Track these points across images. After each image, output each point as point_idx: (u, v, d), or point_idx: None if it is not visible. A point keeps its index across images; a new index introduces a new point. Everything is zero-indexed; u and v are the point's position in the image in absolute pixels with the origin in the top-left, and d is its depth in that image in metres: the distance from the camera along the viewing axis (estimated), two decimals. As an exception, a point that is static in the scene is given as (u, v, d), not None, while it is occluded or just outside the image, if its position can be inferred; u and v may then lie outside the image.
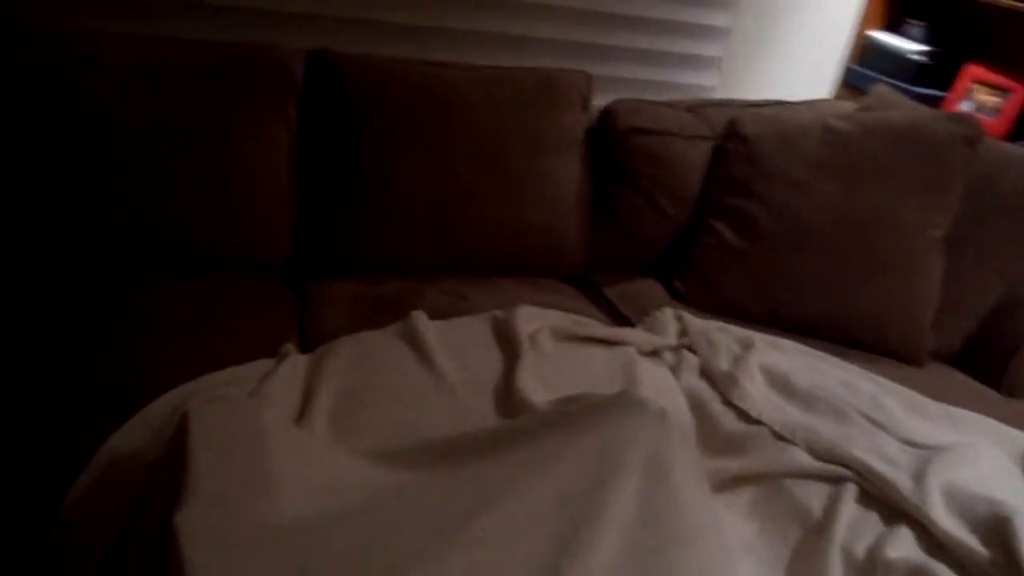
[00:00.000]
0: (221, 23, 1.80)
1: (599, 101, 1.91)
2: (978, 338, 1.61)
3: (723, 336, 1.49)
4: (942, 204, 1.56)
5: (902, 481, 1.09)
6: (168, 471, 0.97)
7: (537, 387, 1.23)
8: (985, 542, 1.01)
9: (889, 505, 1.08)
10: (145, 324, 1.36)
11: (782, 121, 1.73)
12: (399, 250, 1.66)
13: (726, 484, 1.18)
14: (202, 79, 1.54)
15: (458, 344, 1.35)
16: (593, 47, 2.16)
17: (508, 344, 1.34)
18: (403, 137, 1.65)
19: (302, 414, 1.16)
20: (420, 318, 1.40)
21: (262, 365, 1.26)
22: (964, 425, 1.29)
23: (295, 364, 1.28)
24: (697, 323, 1.52)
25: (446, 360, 1.30)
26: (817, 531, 1.06)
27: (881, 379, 1.42)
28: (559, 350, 1.40)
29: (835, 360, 1.47)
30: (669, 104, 1.88)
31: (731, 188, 1.71)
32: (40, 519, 1.08)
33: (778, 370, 1.38)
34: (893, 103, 1.83)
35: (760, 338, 1.50)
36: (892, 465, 1.13)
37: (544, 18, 2.08)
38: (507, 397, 1.24)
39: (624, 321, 1.63)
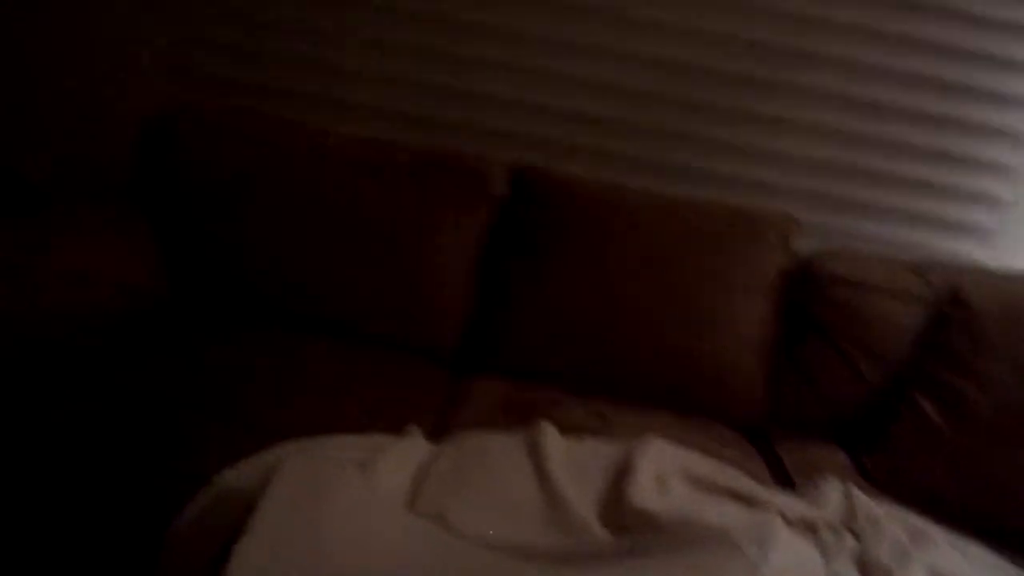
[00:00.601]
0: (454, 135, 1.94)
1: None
2: None
3: (894, 524, 1.25)
4: None
5: None
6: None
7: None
8: None
9: None
10: (303, 382, 1.46)
11: (1015, 289, 1.47)
12: (557, 362, 1.64)
13: None
14: (407, 178, 1.69)
15: (577, 464, 1.28)
16: (841, 200, 1.97)
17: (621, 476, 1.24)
18: (583, 254, 1.66)
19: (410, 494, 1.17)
20: (547, 429, 1.35)
21: (382, 439, 1.29)
22: None
23: (414, 446, 1.29)
24: (866, 502, 1.29)
25: (559, 479, 1.22)
26: None
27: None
28: (691, 498, 1.26)
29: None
30: (886, 259, 1.70)
31: (944, 361, 1.47)
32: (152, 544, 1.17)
33: (947, 574, 1.11)
34: None
35: (941, 535, 1.23)
36: None
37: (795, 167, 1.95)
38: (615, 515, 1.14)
39: (787, 484, 1.44)
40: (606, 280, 1.64)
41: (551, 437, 1.34)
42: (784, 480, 1.46)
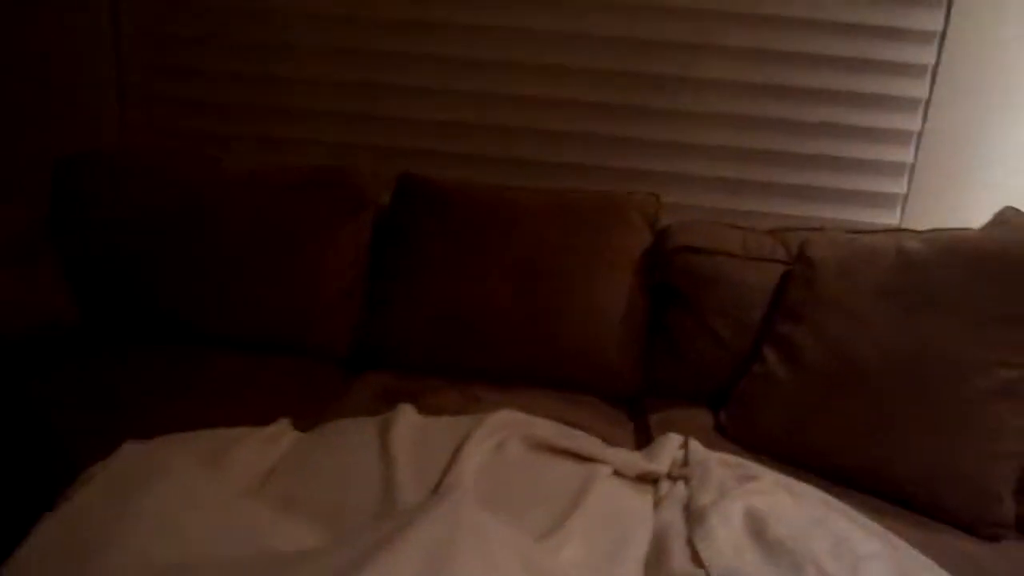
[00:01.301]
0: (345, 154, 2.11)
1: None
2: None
3: (724, 471, 1.32)
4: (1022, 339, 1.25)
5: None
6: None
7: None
8: None
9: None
10: (196, 386, 1.57)
11: (857, 244, 1.53)
12: (438, 353, 1.74)
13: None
14: (291, 192, 1.82)
15: (424, 439, 1.37)
16: (754, 184, 2.09)
17: (458, 442, 1.33)
18: (456, 250, 1.77)
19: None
20: (404, 410, 1.45)
21: (247, 431, 1.39)
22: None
23: (279, 434, 1.39)
24: (701, 454, 1.37)
25: (403, 458, 1.31)
26: None
27: (897, 542, 1.14)
28: (523, 458, 1.35)
29: (853, 515, 1.21)
30: (742, 227, 1.77)
31: (786, 314, 1.54)
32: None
33: (761, 514, 1.18)
34: (1018, 226, 1.52)
35: (771, 478, 1.30)
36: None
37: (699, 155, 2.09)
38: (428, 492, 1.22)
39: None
40: (478, 273, 1.75)
41: (405, 416, 1.44)
42: (647, 443, 1.54)
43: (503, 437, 1.38)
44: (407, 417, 1.44)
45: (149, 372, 1.59)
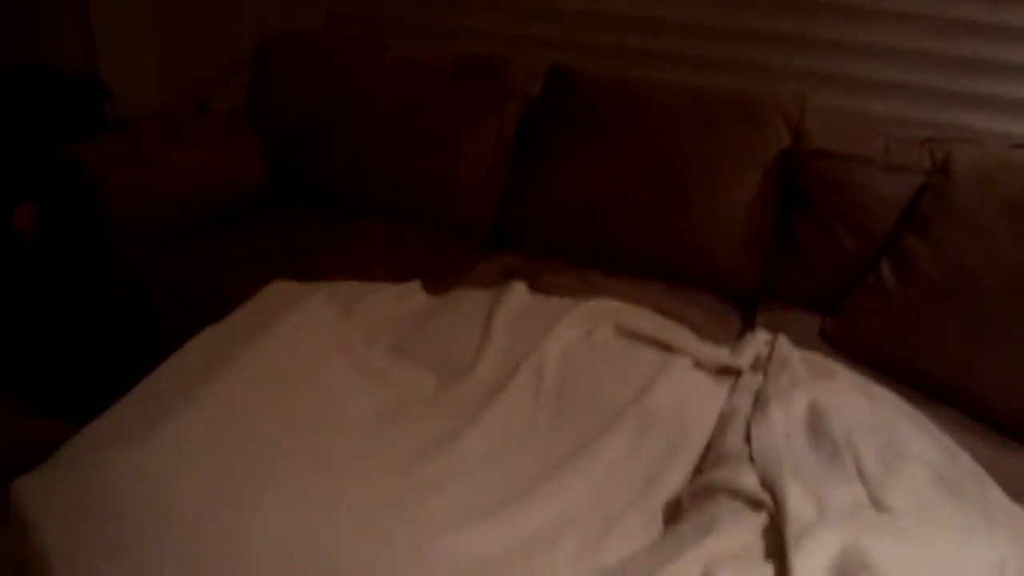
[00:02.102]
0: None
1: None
2: None
3: (803, 366, 1.35)
4: None
5: (800, 525, 0.93)
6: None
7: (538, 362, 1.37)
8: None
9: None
10: (352, 248, 1.81)
11: (1007, 158, 1.42)
12: (566, 239, 1.85)
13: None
14: (446, 79, 1.99)
15: (526, 313, 1.51)
16: (923, 89, 1.95)
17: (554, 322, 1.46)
18: (594, 141, 1.85)
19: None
20: (516, 288, 1.59)
21: (383, 285, 1.61)
22: (994, 525, 0.98)
23: (407, 292, 1.60)
24: (785, 349, 1.40)
25: (501, 327, 1.47)
26: (694, 541, 0.99)
27: (957, 453, 1.13)
28: (608, 344, 1.45)
29: (924, 423, 1.21)
30: (893, 134, 1.66)
31: (912, 226, 1.47)
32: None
33: (823, 408, 1.22)
34: None
35: (850, 379, 1.32)
36: (816, 510, 0.96)
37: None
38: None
39: (747, 345, 1.55)
40: (612, 164, 1.82)
41: (514, 294, 1.59)
42: (748, 342, 1.58)
43: (595, 323, 1.50)
44: (517, 294, 1.59)
45: (310, 234, 1.86)
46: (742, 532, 0.97)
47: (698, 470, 1.22)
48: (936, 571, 0.90)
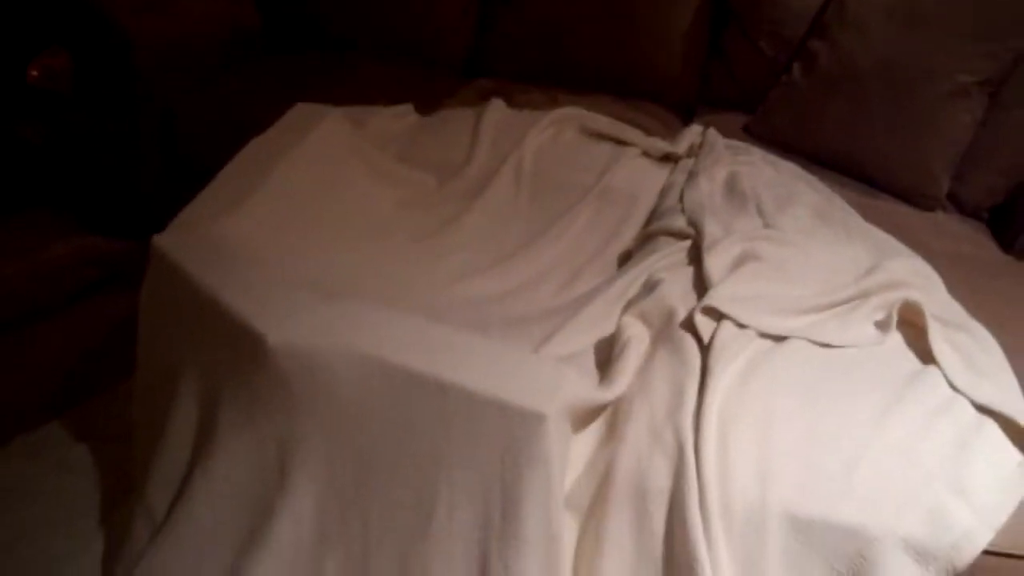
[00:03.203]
0: None
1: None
2: (1009, 197, 1.51)
3: (726, 151, 1.71)
4: (986, 52, 1.48)
5: (712, 240, 1.32)
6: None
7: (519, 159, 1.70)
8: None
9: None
10: (343, 77, 2.10)
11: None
12: (533, 64, 2.16)
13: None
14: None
15: (505, 123, 1.84)
16: None
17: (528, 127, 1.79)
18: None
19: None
20: (496, 104, 1.90)
21: (381, 108, 1.91)
22: (853, 238, 1.38)
23: (404, 112, 1.91)
24: (712, 139, 1.75)
25: (486, 134, 1.79)
26: (640, 263, 1.37)
27: (835, 199, 1.53)
28: (573, 140, 1.79)
29: (815, 183, 1.60)
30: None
31: (816, 32, 1.80)
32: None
33: (738, 175, 1.59)
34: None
35: (760, 155, 1.68)
36: (725, 232, 1.35)
37: None
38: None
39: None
40: (570, -4, 2.09)
41: (494, 108, 1.90)
42: (687, 138, 1.93)
43: (562, 126, 1.83)
44: (496, 109, 1.89)
45: (310, 69, 2.13)
46: (674, 252, 1.36)
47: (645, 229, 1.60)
48: (805, 263, 1.29)
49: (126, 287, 1.52)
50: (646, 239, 1.51)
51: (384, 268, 1.49)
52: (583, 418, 1.07)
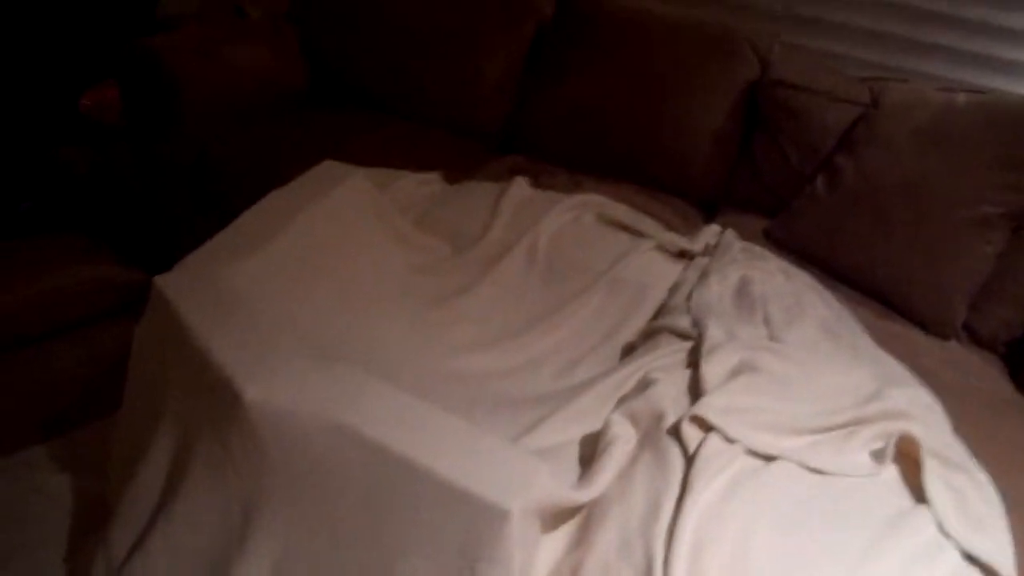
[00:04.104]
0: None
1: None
2: (1024, 332, 1.48)
3: (742, 253, 1.70)
4: (1013, 183, 1.47)
5: (712, 344, 1.30)
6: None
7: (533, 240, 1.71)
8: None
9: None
10: (377, 140, 2.15)
11: (926, 95, 1.74)
12: (563, 146, 2.18)
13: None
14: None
15: (526, 201, 1.85)
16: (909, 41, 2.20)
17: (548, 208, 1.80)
18: (593, 61, 2.15)
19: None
20: (520, 182, 1.92)
21: (408, 172, 1.94)
22: (860, 360, 1.34)
23: (429, 180, 1.93)
24: (728, 240, 1.75)
25: (507, 210, 1.81)
26: (639, 360, 1.35)
27: (845, 316, 1.50)
28: (591, 227, 1.80)
29: (826, 296, 1.58)
30: (840, 71, 1.98)
31: (844, 147, 1.80)
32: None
33: (751, 279, 1.57)
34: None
35: (776, 263, 1.67)
36: (727, 338, 1.33)
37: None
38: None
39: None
40: (608, 82, 2.13)
41: (518, 186, 1.92)
42: (707, 236, 1.93)
43: (582, 211, 1.84)
44: (520, 187, 1.91)
45: (347, 127, 2.18)
46: (673, 353, 1.34)
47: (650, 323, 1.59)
48: (805, 380, 1.27)
49: (138, 318, 1.54)
50: (650, 334, 1.49)
51: (386, 332, 1.50)
52: (555, 518, 1.04)
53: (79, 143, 2.48)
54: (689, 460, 1.06)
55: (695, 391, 1.23)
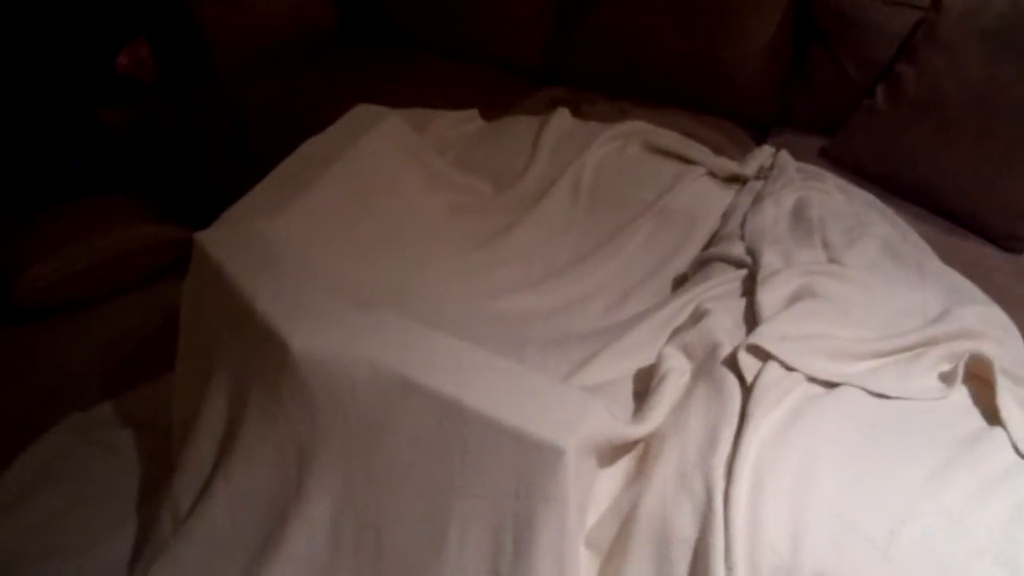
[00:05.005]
0: None
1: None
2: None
3: (798, 176, 1.61)
4: None
5: (769, 271, 1.24)
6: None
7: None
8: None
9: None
10: (414, 78, 2.10)
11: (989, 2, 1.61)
12: (605, 73, 2.11)
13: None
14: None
15: (568, 134, 1.79)
16: None
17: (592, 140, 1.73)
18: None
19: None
20: (561, 113, 1.85)
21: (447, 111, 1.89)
22: (926, 279, 1.27)
23: (469, 117, 1.88)
24: (783, 161, 1.65)
25: (548, 144, 1.75)
26: (692, 290, 1.31)
27: (910, 235, 1.42)
28: (637, 156, 1.73)
29: (889, 214, 1.49)
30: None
31: (904, 55, 1.69)
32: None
33: (807, 200, 1.49)
34: None
35: (833, 181, 1.58)
36: (784, 263, 1.27)
37: None
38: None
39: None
40: (647, 2, 2.03)
41: (559, 118, 1.85)
42: (759, 159, 1.84)
43: (627, 140, 1.77)
44: (561, 118, 1.84)
45: (381, 67, 2.14)
46: (727, 282, 1.29)
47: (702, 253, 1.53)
48: (868, 303, 1.21)
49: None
50: (702, 264, 1.44)
51: (430, 276, 1.48)
52: (611, 454, 1.02)
53: (119, 102, 2.49)
54: (747, 390, 1.03)
55: (751, 320, 1.18)
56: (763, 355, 1.08)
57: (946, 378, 1.09)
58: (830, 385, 1.06)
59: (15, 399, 1.75)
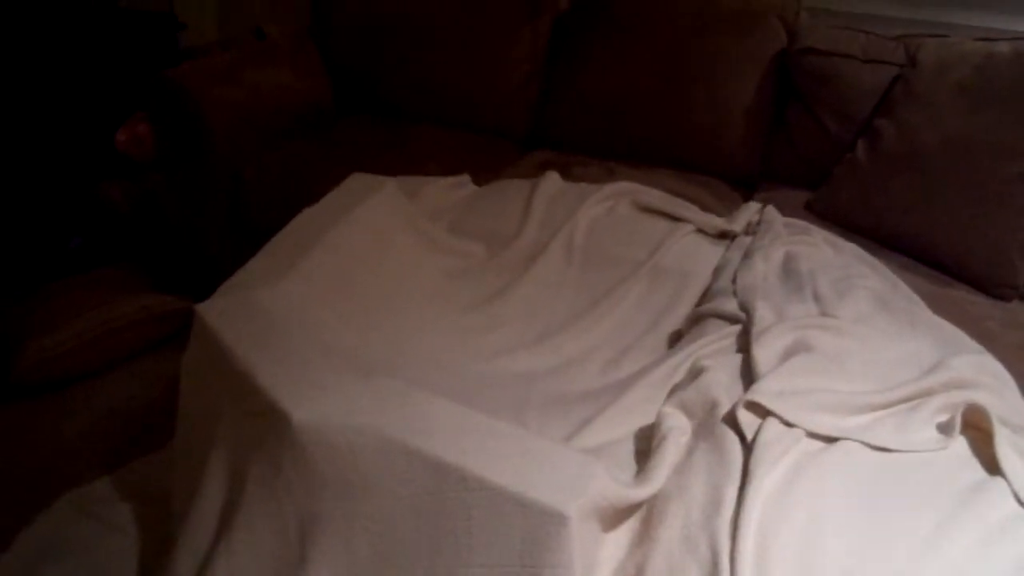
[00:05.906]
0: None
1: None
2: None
3: (787, 229, 1.65)
4: None
5: (763, 326, 1.26)
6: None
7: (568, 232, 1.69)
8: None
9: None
10: (404, 147, 2.14)
11: (964, 48, 1.67)
12: (591, 136, 2.16)
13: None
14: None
15: (559, 196, 1.82)
16: None
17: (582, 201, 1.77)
18: (613, 49, 2.13)
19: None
20: (551, 176, 1.90)
21: (439, 178, 1.93)
22: (918, 330, 1.29)
23: (460, 183, 1.92)
24: (770, 217, 1.69)
25: (540, 207, 1.78)
26: (688, 346, 1.32)
27: (900, 286, 1.44)
28: (627, 216, 1.76)
29: (878, 266, 1.52)
30: (872, 33, 1.90)
31: (883, 109, 1.74)
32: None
33: (796, 254, 1.52)
34: None
35: (821, 235, 1.61)
36: (777, 318, 1.28)
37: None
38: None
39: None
40: (631, 67, 2.11)
41: (549, 180, 1.89)
42: (746, 215, 1.87)
43: (617, 201, 1.81)
44: (551, 180, 1.89)
45: (376, 137, 2.19)
46: (722, 338, 1.31)
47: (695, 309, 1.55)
48: (863, 356, 1.22)
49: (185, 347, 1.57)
50: (696, 320, 1.46)
51: (428, 339, 1.49)
52: (614, 516, 1.02)
53: (118, 178, 2.53)
54: (748, 448, 1.03)
55: (748, 376, 1.19)
56: (762, 411, 1.09)
57: (944, 429, 1.09)
58: (830, 440, 1.07)
59: (13, 474, 1.74)
